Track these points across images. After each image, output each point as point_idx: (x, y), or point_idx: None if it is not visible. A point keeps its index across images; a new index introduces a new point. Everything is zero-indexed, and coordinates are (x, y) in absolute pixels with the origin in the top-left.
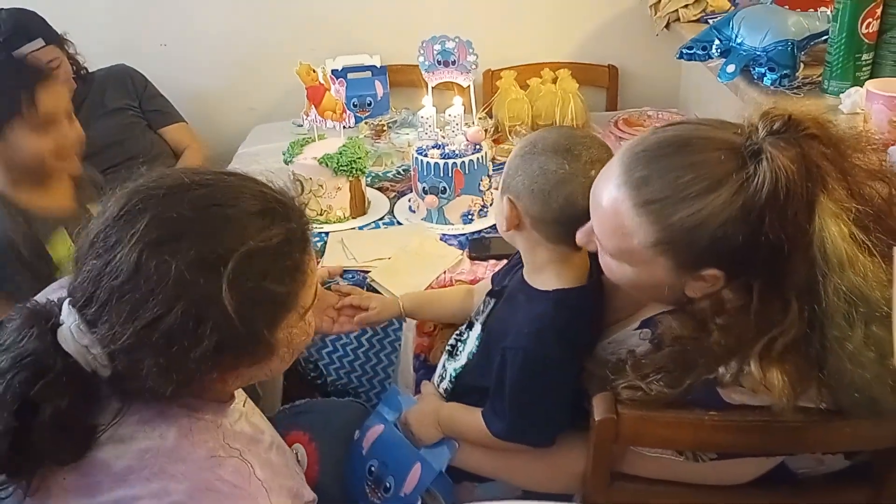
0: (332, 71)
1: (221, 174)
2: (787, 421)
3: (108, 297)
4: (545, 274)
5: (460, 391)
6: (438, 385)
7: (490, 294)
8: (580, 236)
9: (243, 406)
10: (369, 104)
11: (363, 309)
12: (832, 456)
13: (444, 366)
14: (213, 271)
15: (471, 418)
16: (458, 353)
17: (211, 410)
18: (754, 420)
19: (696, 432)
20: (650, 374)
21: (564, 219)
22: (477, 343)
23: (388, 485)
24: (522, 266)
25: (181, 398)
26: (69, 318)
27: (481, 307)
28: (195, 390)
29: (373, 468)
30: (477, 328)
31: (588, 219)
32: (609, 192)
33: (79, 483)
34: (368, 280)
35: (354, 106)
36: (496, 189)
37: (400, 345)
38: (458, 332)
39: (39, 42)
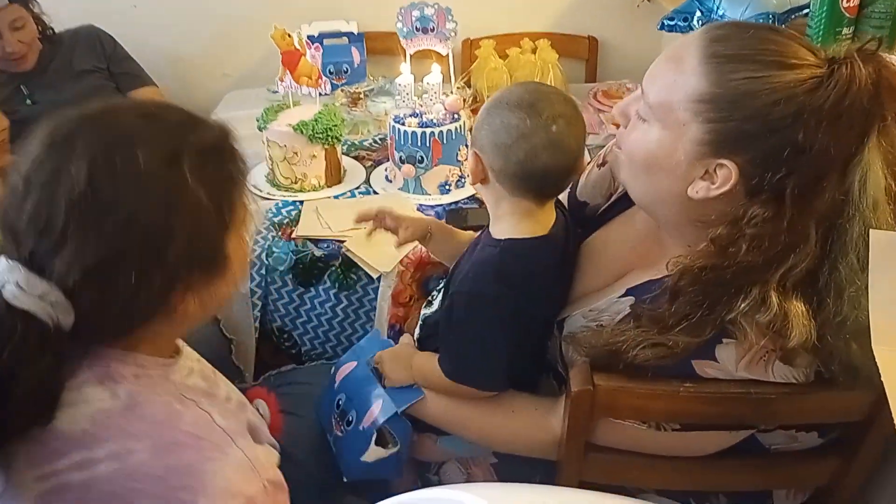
0: (308, 37)
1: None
2: (760, 393)
3: (66, 217)
4: (502, 224)
5: (426, 335)
6: (414, 334)
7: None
8: (616, 110)
9: (196, 363)
10: (346, 71)
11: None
12: (805, 433)
13: (420, 315)
14: (173, 163)
15: (435, 364)
16: (433, 301)
17: (159, 366)
18: (728, 392)
19: (671, 403)
20: (673, 325)
21: (524, 173)
22: (443, 286)
23: (350, 418)
24: None
25: (131, 352)
26: (9, 274)
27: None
28: (148, 331)
29: (340, 402)
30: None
31: (549, 174)
32: (680, 46)
33: (36, 452)
34: (343, 250)
35: (330, 73)
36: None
37: (375, 314)
38: (410, 299)
39: (3, 1)
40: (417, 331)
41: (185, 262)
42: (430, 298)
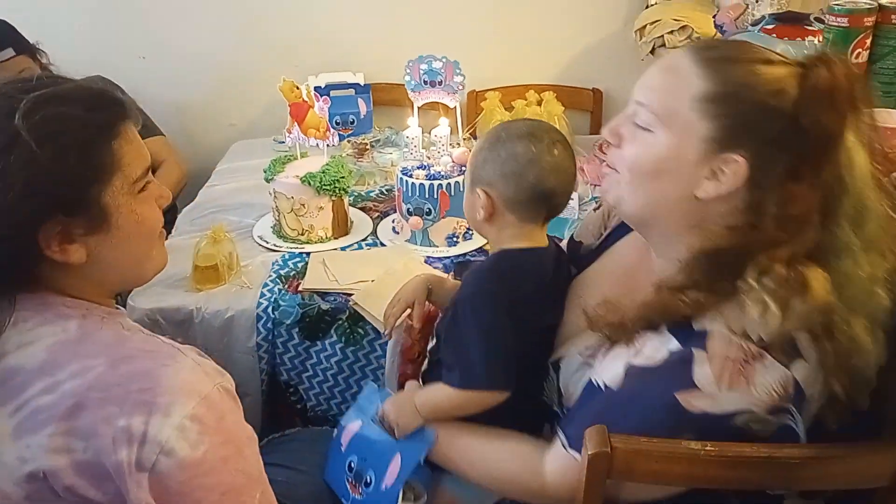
0: (315, 88)
1: None
2: (785, 457)
3: None
4: (501, 246)
5: (434, 364)
6: (421, 367)
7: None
8: (606, 131)
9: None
10: (352, 122)
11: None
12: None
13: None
14: (8, 115)
15: (442, 391)
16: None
17: (105, 311)
18: (751, 455)
19: (691, 467)
20: (686, 287)
21: (536, 196)
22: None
23: (368, 479)
24: None
25: (77, 298)
26: None
27: None
28: (60, 278)
29: (352, 464)
30: None
31: (556, 195)
32: (669, 59)
33: (2, 393)
34: (351, 303)
35: (337, 124)
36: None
37: (383, 373)
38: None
39: (10, 52)
40: (425, 364)
41: (26, 206)
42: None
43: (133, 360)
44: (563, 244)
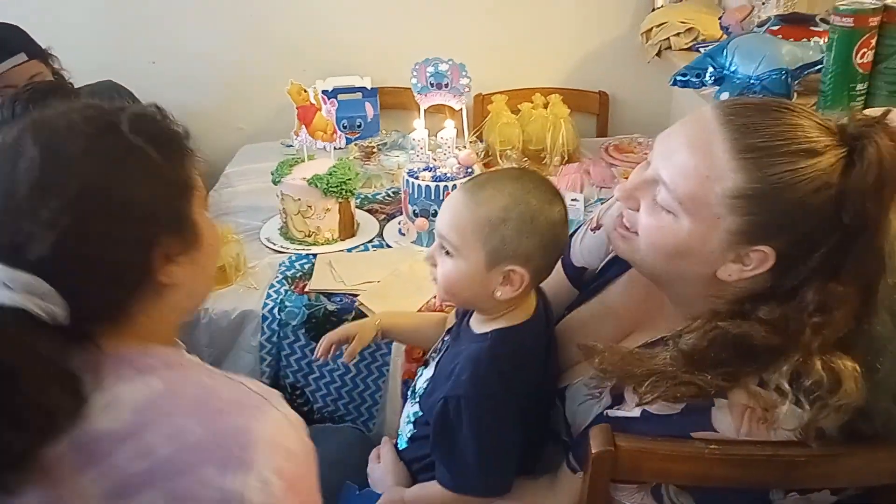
0: (323, 92)
1: None
2: (790, 455)
3: (28, 203)
4: (496, 321)
5: (421, 435)
6: (404, 427)
7: (448, 332)
8: (619, 192)
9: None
10: (359, 126)
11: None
12: (818, 492)
13: (408, 410)
14: (111, 128)
15: (436, 490)
16: (416, 394)
17: (176, 353)
18: (756, 454)
19: (695, 466)
20: (707, 367)
21: (561, 254)
22: (425, 387)
23: None
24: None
25: (147, 345)
26: None
27: (439, 345)
28: (146, 314)
29: None
30: (430, 369)
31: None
32: (703, 133)
33: (85, 456)
34: (357, 304)
35: (344, 127)
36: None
37: (388, 370)
38: (417, 371)
39: (22, 56)
40: (410, 428)
41: (150, 220)
42: (412, 390)
43: (224, 414)
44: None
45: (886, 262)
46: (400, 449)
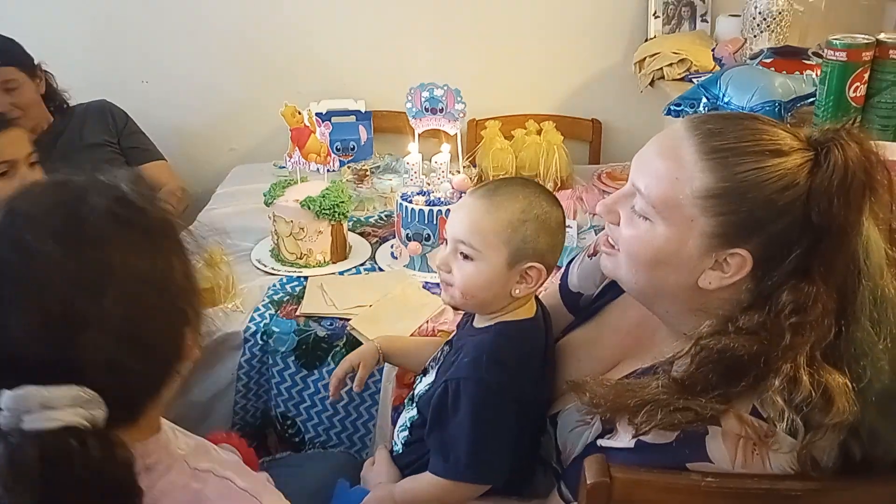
0: (317, 114)
1: None
2: (786, 489)
3: (77, 309)
4: (500, 316)
5: (416, 439)
6: (398, 434)
7: (447, 343)
8: (601, 208)
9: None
10: (352, 148)
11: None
12: None
13: (404, 416)
14: (155, 243)
15: (425, 480)
16: (414, 399)
17: (160, 447)
18: (752, 487)
19: (691, 498)
20: (700, 392)
21: (557, 255)
22: (426, 390)
23: None
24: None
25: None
26: (22, 403)
27: (438, 354)
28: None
29: None
30: (431, 375)
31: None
32: (671, 141)
33: None
34: (348, 328)
35: (337, 150)
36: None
37: (379, 397)
38: (415, 380)
39: None
40: (405, 433)
41: (184, 294)
42: (410, 398)
43: None
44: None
45: (861, 266)
46: (394, 455)
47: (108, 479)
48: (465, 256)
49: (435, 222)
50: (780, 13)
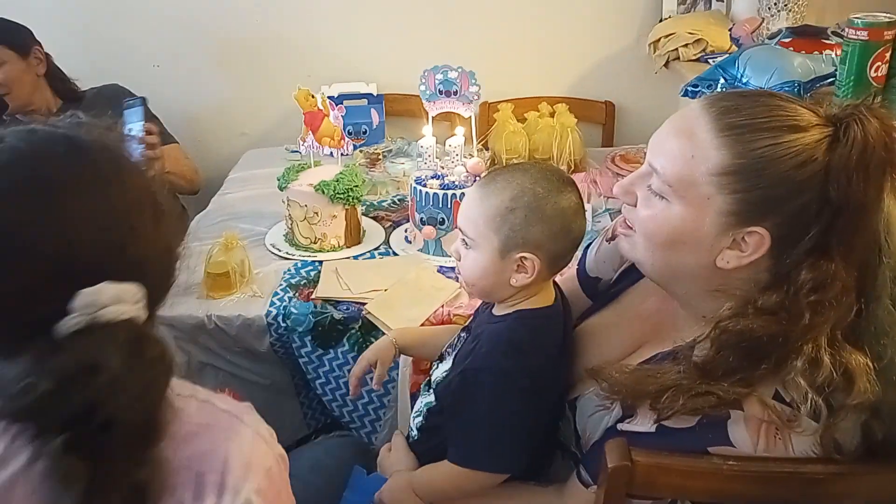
0: (329, 97)
1: None
2: (810, 472)
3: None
4: (516, 304)
5: (432, 425)
6: (413, 420)
7: (464, 329)
8: (618, 189)
9: None
10: (364, 132)
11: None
12: None
13: (420, 401)
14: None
15: (444, 469)
16: (431, 385)
17: None
18: (775, 471)
19: (713, 481)
20: (722, 376)
21: (576, 245)
22: (444, 376)
23: None
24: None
25: None
26: (100, 295)
27: (455, 340)
28: None
29: None
30: (448, 361)
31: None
32: (686, 119)
33: None
34: (364, 313)
35: (350, 134)
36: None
37: (396, 384)
38: (431, 366)
39: None
40: (420, 419)
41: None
42: (426, 384)
43: (194, 439)
44: (571, 276)
45: (882, 243)
46: (409, 440)
47: (151, 367)
48: (466, 245)
49: (449, 206)
50: None
